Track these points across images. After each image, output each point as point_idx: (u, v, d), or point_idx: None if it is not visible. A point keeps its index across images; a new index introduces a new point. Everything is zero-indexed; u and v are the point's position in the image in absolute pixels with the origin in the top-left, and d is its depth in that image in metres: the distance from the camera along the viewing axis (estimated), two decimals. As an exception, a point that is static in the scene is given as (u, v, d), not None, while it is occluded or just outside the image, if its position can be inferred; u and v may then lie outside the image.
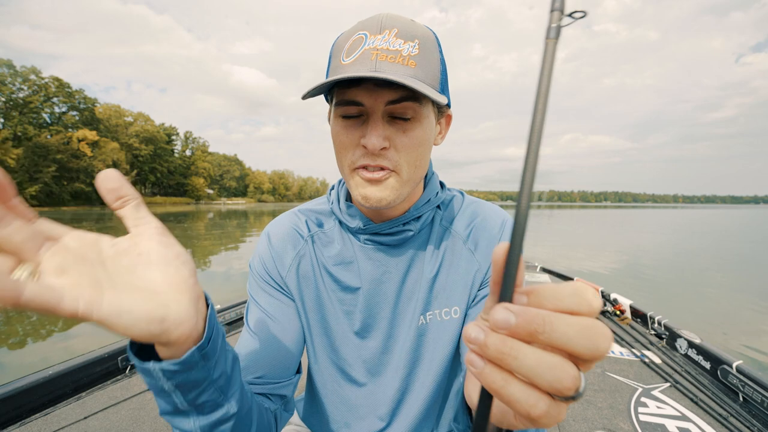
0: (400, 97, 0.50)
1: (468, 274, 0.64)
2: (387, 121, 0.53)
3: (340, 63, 0.52)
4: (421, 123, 0.54)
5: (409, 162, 0.54)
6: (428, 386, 0.66)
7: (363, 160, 0.53)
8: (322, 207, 0.71)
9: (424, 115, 0.54)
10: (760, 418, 1.52)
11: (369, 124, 0.52)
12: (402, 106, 0.51)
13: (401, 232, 0.63)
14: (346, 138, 0.54)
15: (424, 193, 0.65)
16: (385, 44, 0.49)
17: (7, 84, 58.92)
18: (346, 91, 0.52)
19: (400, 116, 0.52)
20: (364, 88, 0.51)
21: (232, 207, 71.16)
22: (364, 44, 0.50)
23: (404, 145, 0.53)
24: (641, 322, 2.64)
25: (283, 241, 0.68)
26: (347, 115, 0.54)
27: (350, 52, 0.51)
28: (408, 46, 0.50)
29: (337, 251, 0.66)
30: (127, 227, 0.34)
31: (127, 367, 1.81)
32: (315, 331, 0.68)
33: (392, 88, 0.50)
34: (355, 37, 0.51)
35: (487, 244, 0.65)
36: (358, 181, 0.55)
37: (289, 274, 0.67)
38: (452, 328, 0.65)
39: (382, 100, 0.51)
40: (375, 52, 0.49)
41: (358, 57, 0.50)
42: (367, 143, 0.51)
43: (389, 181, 0.54)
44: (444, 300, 0.65)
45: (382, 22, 0.50)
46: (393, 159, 0.53)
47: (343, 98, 0.52)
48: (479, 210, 0.68)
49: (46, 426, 1.39)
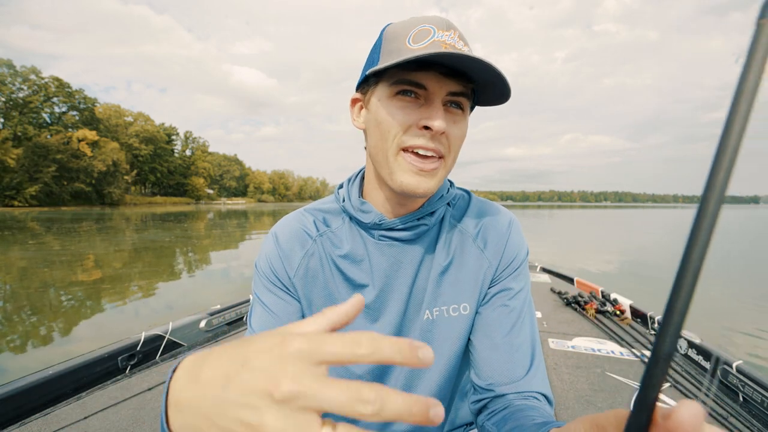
0: (461, 90, 0.54)
1: (478, 271, 0.65)
2: (444, 109, 0.55)
3: (406, 46, 0.52)
4: (465, 117, 0.58)
5: (454, 152, 0.58)
6: (435, 382, 0.67)
7: (418, 141, 0.54)
8: (329, 206, 0.71)
9: (467, 111, 0.58)
10: (760, 418, 1.52)
11: (432, 107, 0.54)
12: (459, 99, 0.55)
13: (416, 226, 0.63)
14: (402, 117, 0.55)
15: (437, 189, 0.65)
16: (452, 41, 0.52)
17: (7, 84, 58.88)
18: (409, 73, 0.53)
19: (453, 108, 0.56)
20: (432, 73, 0.53)
21: (232, 207, 71.15)
22: (433, 36, 0.52)
23: (455, 136, 0.56)
24: (641, 322, 2.64)
25: (291, 241, 0.67)
26: (405, 95, 0.55)
27: (418, 39, 0.52)
28: (467, 50, 0.53)
29: (347, 249, 0.66)
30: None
31: (127, 367, 1.81)
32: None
33: (457, 79, 0.53)
34: (422, 28, 0.53)
35: (496, 242, 0.66)
36: (403, 165, 0.56)
37: (297, 273, 0.66)
38: (461, 325, 0.65)
39: (447, 89, 0.53)
40: (445, 45, 0.51)
41: (428, 45, 0.51)
42: (432, 124, 0.52)
43: (439, 173, 0.57)
44: (452, 296, 0.65)
45: (448, 22, 0.54)
46: (446, 146, 0.56)
47: (405, 78, 0.54)
48: (487, 209, 0.69)
49: (46, 426, 1.39)
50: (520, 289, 0.66)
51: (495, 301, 0.65)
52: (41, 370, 1.52)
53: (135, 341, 1.86)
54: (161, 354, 1.98)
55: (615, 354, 2.16)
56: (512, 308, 0.64)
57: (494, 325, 0.63)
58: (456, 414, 0.74)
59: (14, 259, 8.63)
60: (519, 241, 0.67)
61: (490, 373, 0.62)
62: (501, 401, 0.59)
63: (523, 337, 0.63)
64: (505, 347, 0.62)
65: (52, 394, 1.52)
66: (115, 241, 12.38)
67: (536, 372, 0.61)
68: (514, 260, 0.66)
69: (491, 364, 0.62)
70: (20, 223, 20.88)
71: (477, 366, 0.64)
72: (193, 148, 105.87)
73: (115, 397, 1.59)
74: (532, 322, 0.65)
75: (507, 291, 0.65)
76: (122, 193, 69.20)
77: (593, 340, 2.39)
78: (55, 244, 11.39)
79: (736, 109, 0.18)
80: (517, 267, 0.66)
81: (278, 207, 71.33)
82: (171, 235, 14.46)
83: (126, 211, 41.05)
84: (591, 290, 3.32)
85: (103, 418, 1.46)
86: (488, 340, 0.63)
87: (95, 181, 62.39)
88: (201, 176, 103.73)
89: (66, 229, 16.59)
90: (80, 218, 26.12)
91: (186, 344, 2.12)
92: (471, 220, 0.68)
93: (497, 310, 0.64)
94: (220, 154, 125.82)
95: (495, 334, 0.63)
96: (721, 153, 0.18)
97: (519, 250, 0.67)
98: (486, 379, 0.62)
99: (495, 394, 0.60)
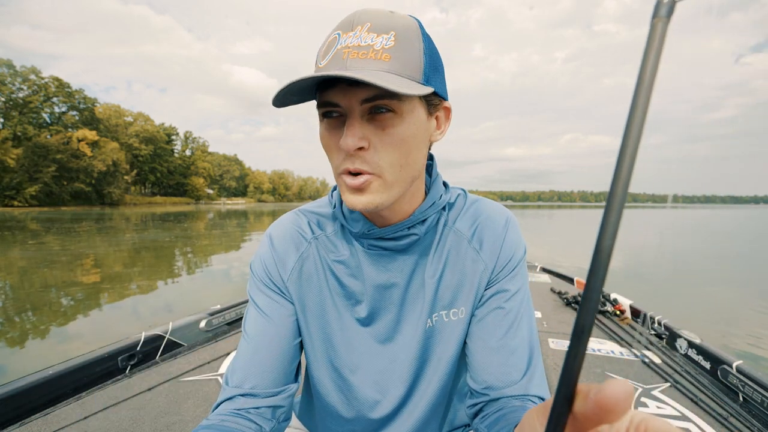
0: (374, 94, 0.48)
1: (474, 273, 0.64)
2: (366, 119, 0.50)
3: (318, 66, 0.51)
4: (402, 119, 0.50)
5: (392, 162, 0.51)
6: (434, 387, 0.66)
7: (344, 164, 0.52)
8: (324, 210, 0.69)
9: (407, 110, 0.50)
10: (760, 418, 1.52)
11: (346, 124, 0.50)
12: (378, 103, 0.49)
13: (406, 236, 0.62)
14: (328, 141, 0.54)
15: (428, 197, 0.62)
16: (356, 41, 0.48)
17: (7, 84, 58.87)
18: (323, 93, 0.51)
19: (379, 114, 0.50)
20: (339, 88, 0.49)
21: (231, 207, 71.13)
22: (337, 44, 0.49)
23: (384, 144, 0.50)
24: (641, 322, 2.64)
25: (286, 243, 0.67)
26: (328, 117, 0.53)
27: (325, 53, 0.50)
28: (381, 39, 0.48)
29: (340, 255, 0.65)
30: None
31: (127, 367, 1.81)
32: (316, 335, 0.67)
33: (366, 86, 0.48)
34: (330, 38, 0.50)
35: (492, 242, 0.64)
36: (343, 187, 0.54)
37: (291, 276, 0.66)
38: (458, 329, 0.64)
39: (357, 99, 0.49)
40: (346, 50, 0.48)
41: (331, 58, 0.49)
42: (342, 144, 0.49)
43: (372, 186, 0.52)
44: (450, 300, 0.64)
45: (355, 19, 0.49)
46: (372, 161, 0.51)
47: (321, 100, 0.51)
48: (482, 208, 0.67)
49: (46, 426, 1.39)
50: (517, 290, 0.64)
51: (491, 303, 0.63)
52: (41, 370, 1.52)
53: (135, 341, 1.86)
54: (161, 354, 1.98)
55: (615, 354, 2.16)
56: (509, 310, 0.62)
57: (490, 328, 0.62)
58: (454, 416, 0.74)
59: (14, 259, 8.63)
60: (516, 240, 0.65)
61: (485, 377, 0.60)
62: (496, 405, 0.59)
63: (519, 340, 0.61)
64: (501, 350, 0.61)
65: (52, 394, 1.51)
66: (115, 241, 12.38)
67: (533, 375, 0.60)
68: (510, 260, 0.64)
69: (487, 368, 0.61)
70: (20, 223, 20.88)
71: (473, 370, 0.63)
72: (192, 148, 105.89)
73: (115, 397, 1.59)
74: (530, 324, 0.64)
75: (503, 293, 0.63)
76: (122, 193, 69.18)
77: (593, 340, 2.38)
78: (55, 244, 11.38)
79: (636, 104, 0.20)
80: (514, 267, 0.64)
81: (278, 207, 71.29)
82: (171, 235, 14.46)
83: (126, 211, 41.04)
84: (591, 290, 3.32)
85: (103, 418, 1.46)
86: (484, 343, 0.62)
87: (95, 181, 62.36)
88: (201, 176, 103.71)
89: (66, 229, 16.59)
90: (80, 218, 26.11)
91: (186, 344, 2.12)
92: (466, 221, 0.66)
93: (493, 313, 0.63)
94: (220, 154, 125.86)
95: (491, 338, 0.62)
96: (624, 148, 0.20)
97: (516, 250, 0.65)
98: (482, 383, 0.61)
99: (491, 398, 0.60)
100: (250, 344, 0.63)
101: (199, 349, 2.11)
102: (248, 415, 0.59)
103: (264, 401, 0.61)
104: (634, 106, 0.20)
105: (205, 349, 2.11)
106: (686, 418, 1.54)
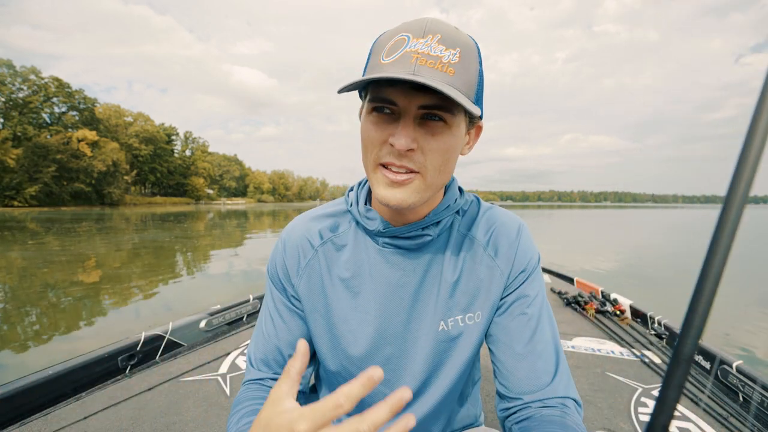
0: (433, 103, 0.51)
1: (490, 279, 0.65)
2: (418, 123, 0.53)
3: (380, 62, 0.52)
4: (450, 130, 0.54)
5: (435, 166, 0.54)
6: (444, 389, 0.67)
7: (388, 158, 0.54)
8: (339, 208, 0.71)
9: (456, 123, 0.54)
10: (760, 418, 1.52)
11: (400, 123, 0.52)
12: (434, 112, 0.52)
13: (420, 236, 0.63)
14: (375, 134, 0.55)
15: (444, 199, 0.65)
16: (426, 48, 0.50)
17: (7, 84, 58.84)
18: (382, 89, 0.52)
19: (431, 120, 0.53)
20: (400, 89, 0.51)
21: (231, 207, 71.14)
22: (405, 46, 0.50)
23: (431, 149, 0.53)
24: (641, 322, 2.64)
25: (295, 249, 0.69)
26: (379, 111, 0.54)
27: (391, 52, 0.51)
28: (449, 53, 0.50)
29: (350, 256, 0.67)
30: None
31: (127, 367, 1.81)
32: (324, 335, 0.69)
33: (427, 92, 0.50)
34: (398, 38, 0.52)
35: (507, 249, 0.66)
36: (380, 179, 0.56)
37: (301, 282, 0.68)
38: (474, 333, 0.66)
39: (416, 103, 0.51)
40: (416, 55, 0.50)
41: (398, 58, 0.50)
42: (396, 142, 0.51)
43: (413, 184, 0.55)
44: (466, 305, 0.65)
45: (426, 27, 0.51)
46: (419, 161, 0.54)
47: (377, 95, 0.53)
48: (496, 216, 0.69)
49: (46, 426, 1.39)
50: (536, 295, 0.65)
51: (513, 310, 0.64)
52: (41, 370, 1.52)
53: (135, 341, 1.86)
54: (161, 354, 1.98)
55: (615, 354, 2.16)
56: (530, 315, 0.64)
57: (515, 335, 0.63)
58: (458, 415, 0.75)
59: (14, 259, 8.63)
60: (530, 247, 0.67)
61: (515, 383, 0.62)
62: (528, 411, 0.60)
63: (544, 344, 0.63)
64: (528, 356, 0.62)
65: (52, 394, 1.51)
66: (115, 242, 12.37)
67: (561, 377, 0.62)
68: (526, 266, 0.66)
69: (516, 374, 0.62)
70: (20, 224, 20.87)
71: (502, 376, 0.64)
72: (192, 149, 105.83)
73: (115, 397, 1.59)
74: (552, 326, 0.65)
75: (523, 299, 0.65)
76: (122, 194, 69.12)
77: (593, 340, 2.38)
78: (55, 244, 11.38)
79: (761, 109, 0.18)
80: (531, 273, 0.66)
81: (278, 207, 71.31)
82: (171, 236, 14.45)
83: (126, 212, 41.02)
84: (591, 290, 3.32)
85: (103, 418, 1.46)
86: (511, 350, 0.63)
87: (95, 182, 62.29)
88: (201, 176, 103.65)
89: (66, 230, 16.58)
90: (80, 218, 26.10)
91: (186, 344, 2.12)
92: (481, 228, 0.67)
93: (516, 319, 0.64)
94: (219, 154, 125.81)
95: (517, 344, 0.63)
96: (745, 154, 0.18)
97: (531, 256, 0.67)
98: (513, 390, 0.62)
99: (523, 403, 0.61)
100: (270, 324, 0.70)
101: (199, 349, 2.11)
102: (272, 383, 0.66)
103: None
104: (762, 100, 0.18)
105: (205, 349, 2.11)
106: (686, 418, 1.54)
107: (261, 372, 0.68)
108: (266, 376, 0.68)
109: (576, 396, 0.62)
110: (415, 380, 0.66)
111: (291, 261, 0.69)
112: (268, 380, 0.68)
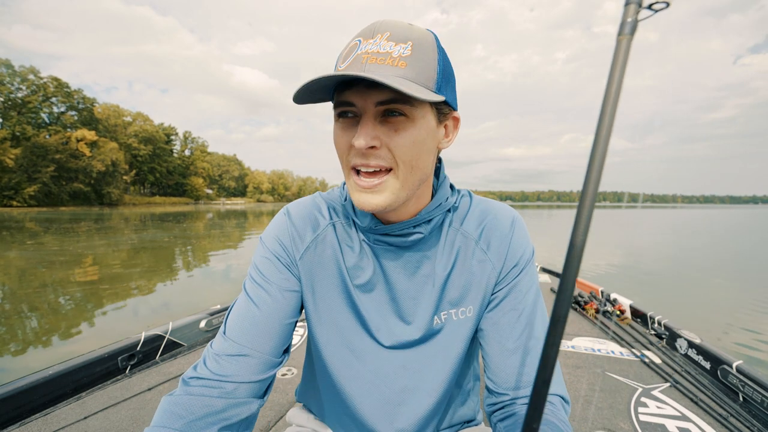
0: (389, 98, 0.51)
1: (482, 273, 0.65)
2: (379, 121, 0.53)
3: (338, 69, 0.54)
4: (414, 123, 0.54)
5: (405, 162, 0.54)
6: (438, 385, 0.67)
7: (356, 160, 0.55)
8: (336, 200, 0.71)
9: (419, 116, 0.54)
10: (760, 418, 1.53)
11: (360, 124, 0.53)
12: (392, 107, 0.52)
13: (410, 234, 0.63)
14: (341, 138, 0.56)
15: (435, 198, 0.64)
16: (375, 47, 0.51)
17: (6, 84, 58.71)
18: (342, 93, 0.54)
19: (392, 116, 0.53)
20: (355, 89, 0.52)
21: (231, 207, 71.10)
22: (357, 49, 0.52)
23: (397, 145, 0.53)
24: (641, 322, 2.64)
25: (304, 221, 0.68)
26: (344, 117, 0.56)
27: (345, 57, 0.53)
28: (399, 47, 0.51)
29: (351, 246, 0.67)
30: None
31: (127, 367, 1.81)
32: (324, 316, 0.68)
33: (381, 89, 0.51)
34: (351, 44, 0.54)
35: (499, 243, 0.65)
36: (353, 185, 0.57)
37: (305, 255, 0.67)
38: (466, 327, 0.66)
39: (372, 101, 0.52)
40: (366, 55, 0.51)
41: (351, 62, 0.52)
42: (355, 142, 0.52)
43: (386, 185, 0.55)
44: (458, 299, 0.65)
45: (376, 28, 0.53)
46: (386, 158, 0.54)
47: (338, 100, 0.55)
48: (488, 209, 0.68)
49: (46, 426, 1.39)
50: (528, 290, 0.65)
51: (504, 306, 0.64)
52: (41, 370, 1.52)
53: (135, 341, 1.86)
54: (161, 354, 1.98)
55: (615, 354, 2.16)
56: (522, 311, 0.64)
57: (506, 330, 0.63)
58: (455, 412, 0.75)
59: (13, 259, 8.61)
60: (523, 240, 0.67)
61: (504, 378, 0.62)
62: (513, 407, 0.60)
63: (535, 340, 0.63)
64: (518, 351, 0.62)
65: (52, 394, 1.51)
66: (114, 241, 12.36)
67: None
68: (519, 261, 0.65)
69: (505, 370, 0.62)
70: (19, 224, 20.83)
71: (491, 371, 0.64)
72: (192, 148, 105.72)
73: (115, 397, 1.59)
74: (544, 322, 0.65)
75: (515, 294, 0.64)
76: (121, 193, 69.03)
77: (593, 340, 2.39)
78: (54, 244, 11.36)
79: (604, 112, 0.21)
80: (523, 267, 0.65)
81: (277, 207, 71.21)
82: (170, 235, 14.44)
83: (125, 211, 40.97)
84: (591, 290, 3.33)
85: (103, 418, 1.46)
86: (501, 345, 0.63)
87: (94, 181, 62.21)
88: (200, 176, 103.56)
89: (64, 229, 16.56)
90: (79, 218, 26.07)
91: (186, 344, 2.12)
92: (473, 222, 0.67)
93: (507, 315, 0.64)
94: (219, 154, 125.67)
95: (507, 340, 0.63)
96: (594, 154, 0.22)
97: (524, 250, 0.66)
98: (501, 385, 0.62)
99: (510, 398, 0.61)
100: (249, 305, 0.63)
101: (199, 349, 2.10)
102: (234, 378, 0.58)
103: (252, 363, 0.60)
104: (602, 115, 0.21)
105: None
106: (686, 418, 1.54)
107: (230, 343, 0.60)
108: (234, 353, 0.60)
109: (564, 393, 0.62)
110: (406, 374, 0.67)
111: (299, 229, 0.67)
112: (232, 359, 0.59)
